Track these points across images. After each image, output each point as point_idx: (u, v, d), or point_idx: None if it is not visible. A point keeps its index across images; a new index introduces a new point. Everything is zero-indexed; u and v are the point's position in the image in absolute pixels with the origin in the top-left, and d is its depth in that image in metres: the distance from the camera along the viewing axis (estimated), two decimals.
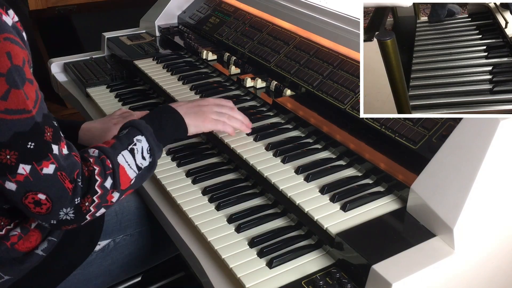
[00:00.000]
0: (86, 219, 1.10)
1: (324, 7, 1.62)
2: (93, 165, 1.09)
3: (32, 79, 1.03)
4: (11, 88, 0.97)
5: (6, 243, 1.14)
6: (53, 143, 1.03)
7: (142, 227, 1.45)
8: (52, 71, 2.11)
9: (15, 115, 0.98)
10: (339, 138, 1.33)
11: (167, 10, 2.17)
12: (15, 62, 0.97)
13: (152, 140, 1.18)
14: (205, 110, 1.34)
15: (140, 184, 1.19)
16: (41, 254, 1.20)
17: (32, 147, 1.00)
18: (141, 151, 1.16)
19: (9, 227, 1.15)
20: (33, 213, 1.04)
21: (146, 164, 1.17)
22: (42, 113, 1.03)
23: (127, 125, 1.21)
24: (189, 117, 1.31)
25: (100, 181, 1.08)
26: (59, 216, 1.05)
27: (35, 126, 1.00)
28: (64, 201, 1.04)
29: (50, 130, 1.04)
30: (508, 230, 1.10)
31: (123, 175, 1.12)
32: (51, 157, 1.02)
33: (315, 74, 1.52)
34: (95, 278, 1.38)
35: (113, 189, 1.11)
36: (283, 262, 1.07)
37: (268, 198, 1.27)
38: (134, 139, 1.17)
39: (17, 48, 0.99)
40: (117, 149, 1.14)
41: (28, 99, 0.99)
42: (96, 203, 1.08)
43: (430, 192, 1.05)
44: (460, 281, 1.05)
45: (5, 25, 0.98)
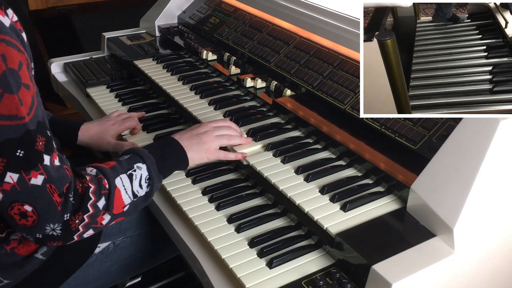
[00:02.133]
0: (73, 239, 1.06)
1: (324, 7, 1.62)
2: (89, 182, 1.06)
3: (29, 84, 0.99)
4: (4, 92, 0.94)
5: (6, 247, 1.13)
6: (45, 153, 1.01)
7: (142, 229, 1.44)
8: (52, 71, 2.11)
9: (5, 120, 0.95)
10: (339, 138, 1.33)
11: (167, 10, 2.17)
12: (9, 66, 0.95)
13: (152, 170, 1.17)
14: (205, 140, 1.31)
15: (132, 213, 1.15)
16: (40, 258, 1.19)
17: (21, 155, 0.97)
18: (140, 178, 1.14)
19: (10, 230, 1.14)
20: (19, 225, 1.01)
21: (142, 193, 1.15)
22: (36, 120, 1.00)
23: (130, 151, 1.20)
24: (191, 150, 1.29)
25: (93, 200, 1.05)
26: (46, 231, 1.02)
27: (26, 134, 0.97)
28: (52, 215, 1.00)
29: (43, 140, 1.00)
30: (508, 230, 1.10)
31: (118, 199, 1.10)
32: (40, 168, 0.99)
33: (315, 74, 1.52)
34: (95, 280, 1.38)
35: (105, 211, 1.08)
36: (283, 262, 1.07)
37: (268, 198, 1.27)
38: (135, 165, 1.15)
39: (13, 51, 0.96)
40: (116, 171, 1.12)
41: (22, 105, 0.96)
42: (85, 222, 1.05)
43: (430, 192, 1.05)
44: (460, 281, 1.05)
45: (1, 26, 0.95)
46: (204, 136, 1.32)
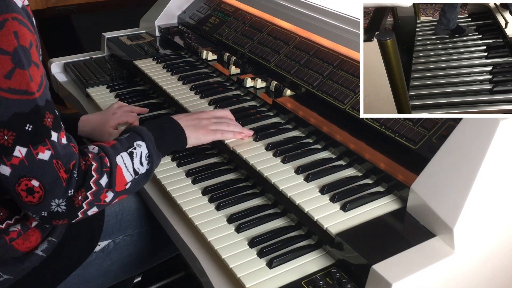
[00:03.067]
0: (78, 216, 1.08)
1: (324, 7, 1.62)
2: (91, 160, 1.08)
3: (39, 64, 1.02)
4: (16, 67, 0.96)
5: (5, 237, 1.14)
6: (53, 129, 1.03)
7: (142, 228, 1.45)
8: (52, 71, 2.11)
9: (16, 94, 0.97)
10: (339, 138, 1.33)
11: (167, 10, 2.17)
12: (21, 43, 0.97)
13: (152, 147, 1.19)
14: (204, 122, 1.35)
15: (134, 190, 1.18)
16: (41, 255, 1.20)
17: (30, 130, 0.99)
18: (140, 156, 1.16)
19: (10, 222, 1.15)
20: (25, 203, 1.03)
21: (143, 171, 1.17)
22: (45, 98, 1.02)
23: (129, 129, 1.22)
24: (189, 129, 1.32)
25: (96, 177, 1.07)
26: (51, 207, 1.04)
27: (35, 109, 1.00)
28: (57, 191, 1.03)
29: (51, 117, 1.03)
30: (508, 230, 1.10)
31: (120, 176, 1.12)
32: (47, 143, 1.01)
33: (315, 74, 1.52)
34: (94, 278, 1.38)
35: (108, 188, 1.10)
36: (283, 262, 1.07)
37: (268, 198, 1.27)
38: (135, 143, 1.17)
39: (25, 30, 0.98)
40: (117, 149, 1.14)
41: (33, 82, 0.99)
42: (89, 199, 1.07)
43: (430, 192, 1.05)
44: (460, 281, 1.05)
45: (14, 6, 0.97)
46: (204, 120, 1.35)
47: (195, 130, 1.33)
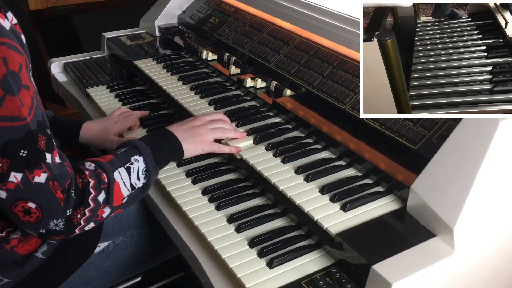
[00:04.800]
0: (75, 233, 1.09)
1: (324, 7, 1.62)
2: (88, 177, 1.08)
3: (29, 85, 1.01)
4: (6, 94, 0.95)
5: (6, 246, 1.13)
6: (46, 151, 1.02)
7: (142, 229, 1.44)
8: (52, 71, 2.11)
9: (8, 122, 0.96)
10: (339, 138, 1.33)
11: (167, 10, 2.17)
12: (10, 68, 0.96)
13: (149, 162, 1.18)
14: (200, 132, 1.34)
15: (131, 204, 1.18)
16: (40, 257, 1.19)
17: (24, 155, 0.99)
18: (137, 171, 1.16)
19: (10, 229, 1.15)
20: (22, 222, 1.03)
21: (140, 185, 1.17)
22: (36, 120, 1.01)
23: (126, 144, 1.21)
24: (186, 142, 1.31)
25: (94, 194, 1.07)
26: (49, 226, 1.04)
27: (29, 134, 0.99)
28: (55, 212, 1.02)
29: (44, 139, 1.02)
30: (508, 230, 1.10)
31: (117, 192, 1.12)
32: (43, 166, 1.01)
33: (315, 74, 1.52)
34: (94, 280, 1.38)
35: (105, 204, 1.10)
36: (283, 262, 1.07)
37: (268, 198, 1.27)
38: (132, 158, 1.16)
39: (14, 53, 0.97)
40: (114, 165, 1.13)
41: (23, 106, 0.98)
42: (87, 216, 1.07)
43: (430, 192, 1.05)
44: (460, 281, 1.05)
45: (2, 30, 0.96)
46: (199, 129, 1.35)
47: (193, 142, 1.32)
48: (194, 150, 1.33)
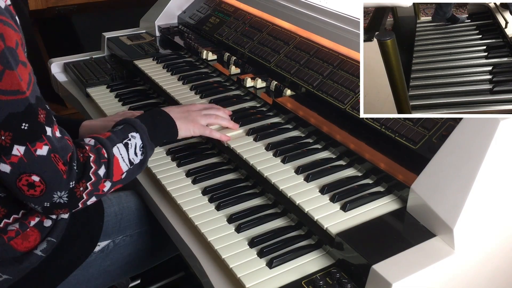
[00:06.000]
0: (78, 206, 1.11)
1: (324, 7, 1.62)
2: (89, 152, 1.11)
3: (26, 62, 1.04)
4: (5, 69, 0.98)
5: (4, 236, 1.15)
6: (46, 125, 1.05)
7: (142, 228, 1.45)
8: (52, 71, 2.11)
9: (9, 95, 0.99)
10: (339, 138, 1.33)
11: (167, 10, 2.17)
12: (8, 44, 0.99)
13: (145, 138, 1.23)
14: (194, 115, 1.39)
15: (129, 180, 1.21)
16: (40, 255, 1.20)
17: (26, 128, 1.01)
18: (135, 147, 1.20)
19: (8, 221, 1.15)
20: (27, 196, 1.05)
21: (138, 161, 1.21)
22: (35, 95, 1.04)
23: (122, 122, 1.26)
24: (180, 121, 1.36)
25: (94, 168, 1.10)
26: (53, 199, 1.06)
27: (29, 107, 1.02)
28: (58, 184, 1.05)
29: (43, 112, 1.05)
30: (508, 230, 1.10)
31: (116, 167, 1.15)
32: (44, 139, 1.03)
33: (315, 74, 1.52)
34: (94, 279, 1.38)
35: (106, 178, 1.13)
36: (283, 262, 1.07)
37: (268, 198, 1.27)
38: (129, 135, 1.21)
39: (10, 30, 1.00)
40: (113, 141, 1.17)
41: (22, 81, 1.01)
42: (89, 190, 1.10)
43: (430, 192, 1.05)
44: (460, 281, 1.05)
45: None
46: (194, 112, 1.40)
47: (186, 122, 1.37)
48: (185, 130, 1.36)
